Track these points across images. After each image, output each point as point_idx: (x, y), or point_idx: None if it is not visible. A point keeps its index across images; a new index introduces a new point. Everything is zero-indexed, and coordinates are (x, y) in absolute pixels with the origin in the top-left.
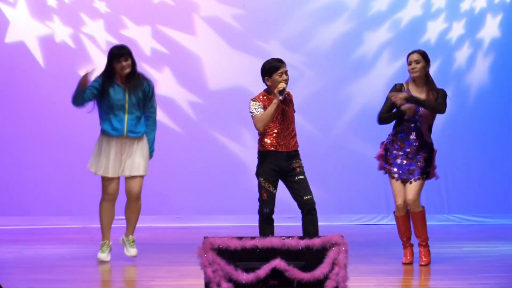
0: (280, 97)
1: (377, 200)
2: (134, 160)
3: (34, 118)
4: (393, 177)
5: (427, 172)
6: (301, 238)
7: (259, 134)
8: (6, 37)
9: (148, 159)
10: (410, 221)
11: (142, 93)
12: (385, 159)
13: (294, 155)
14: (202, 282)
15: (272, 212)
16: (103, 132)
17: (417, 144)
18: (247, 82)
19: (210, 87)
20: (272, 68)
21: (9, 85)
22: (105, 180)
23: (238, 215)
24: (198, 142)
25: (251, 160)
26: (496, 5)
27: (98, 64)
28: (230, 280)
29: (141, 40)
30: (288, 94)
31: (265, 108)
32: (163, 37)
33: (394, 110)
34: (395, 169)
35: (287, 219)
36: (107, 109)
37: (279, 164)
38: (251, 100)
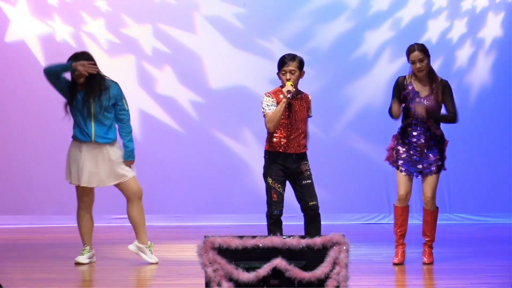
0: (288, 96)
1: (378, 199)
2: (116, 167)
3: (35, 117)
4: (399, 168)
5: (439, 166)
6: (302, 237)
7: (268, 132)
8: (6, 36)
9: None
10: (407, 219)
11: (108, 97)
12: (395, 152)
13: (302, 157)
14: (203, 281)
15: (281, 214)
16: (73, 137)
17: (425, 138)
18: (248, 81)
19: (212, 86)
20: (279, 64)
21: (10, 84)
22: (78, 189)
23: (238, 214)
24: (199, 141)
25: (253, 159)
26: (498, 4)
27: (98, 63)
28: (230, 279)
29: (142, 39)
30: (307, 97)
31: (278, 104)
32: (164, 36)
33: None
34: (401, 162)
35: (288, 218)
36: (75, 115)
37: (287, 166)
38: (265, 94)
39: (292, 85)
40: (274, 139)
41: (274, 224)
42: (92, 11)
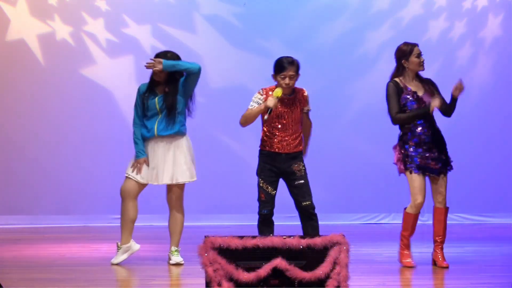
0: (270, 106)
1: (378, 199)
2: (170, 167)
3: (35, 117)
4: (413, 173)
5: (449, 164)
6: (302, 237)
7: (262, 131)
8: (6, 35)
9: (189, 165)
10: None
11: (171, 93)
12: (404, 160)
13: (295, 156)
14: (203, 281)
15: (271, 213)
16: (142, 138)
17: (431, 135)
18: (247, 81)
19: (211, 85)
20: (278, 68)
21: (10, 84)
22: (125, 180)
23: (239, 214)
24: (198, 141)
25: (252, 159)
26: (498, 4)
27: (98, 63)
28: (231, 279)
29: (142, 38)
30: (302, 92)
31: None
32: (163, 36)
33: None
34: (414, 164)
35: (288, 218)
36: (144, 114)
37: (278, 165)
38: (258, 90)
39: (278, 97)
40: (265, 139)
41: (263, 223)
42: (92, 11)
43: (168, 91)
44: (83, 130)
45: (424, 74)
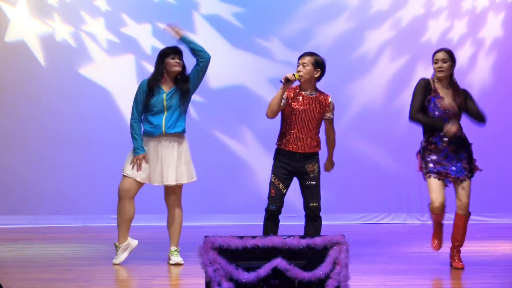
0: (280, 80)
1: (378, 199)
2: (173, 168)
3: (34, 117)
4: (430, 175)
5: (471, 169)
6: (302, 237)
7: (280, 128)
8: (6, 36)
9: (190, 165)
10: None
11: (187, 89)
12: (424, 163)
13: (310, 157)
14: (203, 281)
15: (278, 211)
16: (144, 133)
17: (453, 142)
18: (248, 81)
19: (211, 85)
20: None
21: (10, 84)
22: (123, 179)
23: (238, 214)
24: (198, 141)
25: (252, 159)
26: (498, 4)
27: (98, 62)
28: (231, 279)
29: (142, 38)
30: (326, 97)
31: (288, 97)
32: (163, 36)
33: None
34: (432, 165)
35: (288, 218)
36: (147, 110)
37: (292, 164)
38: None
39: (294, 74)
40: (282, 137)
41: (269, 219)
42: (92, 11)
43: (180, 82)
44: (82, 130)
45: (425, 75)
